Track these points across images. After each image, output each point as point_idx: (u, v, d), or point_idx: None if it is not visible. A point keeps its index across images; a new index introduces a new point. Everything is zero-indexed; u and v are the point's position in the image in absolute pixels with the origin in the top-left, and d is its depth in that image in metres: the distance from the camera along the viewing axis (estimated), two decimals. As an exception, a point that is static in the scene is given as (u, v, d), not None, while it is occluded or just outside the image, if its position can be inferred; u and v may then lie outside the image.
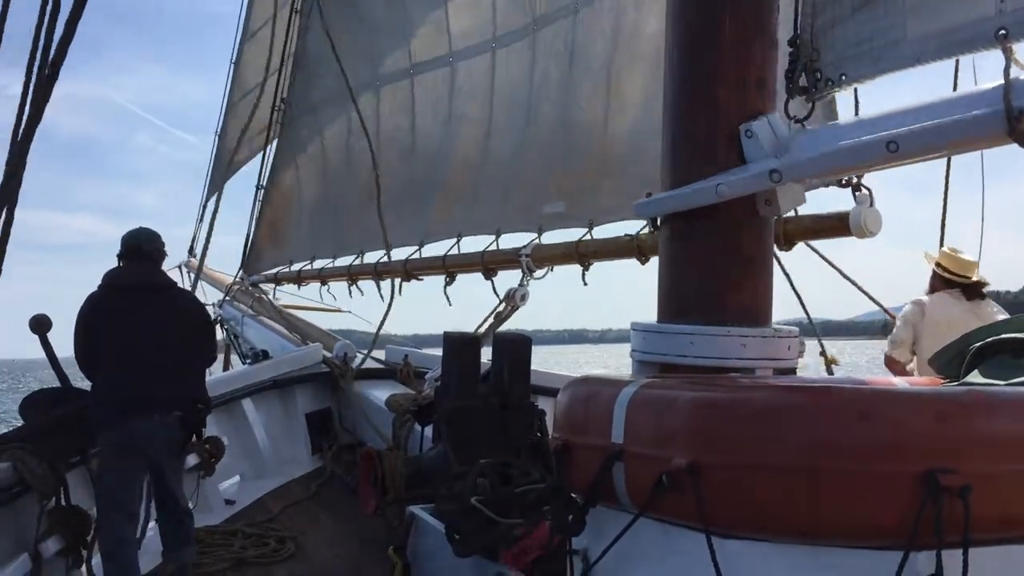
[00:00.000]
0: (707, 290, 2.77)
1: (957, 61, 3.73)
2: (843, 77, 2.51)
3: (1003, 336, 2.58)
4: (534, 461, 3.77)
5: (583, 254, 5.64)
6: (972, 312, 4.71)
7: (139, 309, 4.22)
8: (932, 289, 5.01)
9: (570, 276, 6.17)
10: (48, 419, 4.35)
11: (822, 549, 1.79)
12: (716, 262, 2.76)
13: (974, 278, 4.88)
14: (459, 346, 4.67)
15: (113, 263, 4.38)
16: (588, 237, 5.63)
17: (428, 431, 5.00)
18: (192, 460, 5.55)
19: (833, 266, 4.75)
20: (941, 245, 5.31)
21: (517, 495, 3.23)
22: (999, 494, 1.70)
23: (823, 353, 4.22)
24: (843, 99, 3.32)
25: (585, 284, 5.98)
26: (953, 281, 4.87)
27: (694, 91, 2.78)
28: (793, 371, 2.89)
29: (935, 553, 1.62)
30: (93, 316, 4.24)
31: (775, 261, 4.50)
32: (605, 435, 2.11)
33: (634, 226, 5.24)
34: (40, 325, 4.47)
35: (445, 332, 4.82)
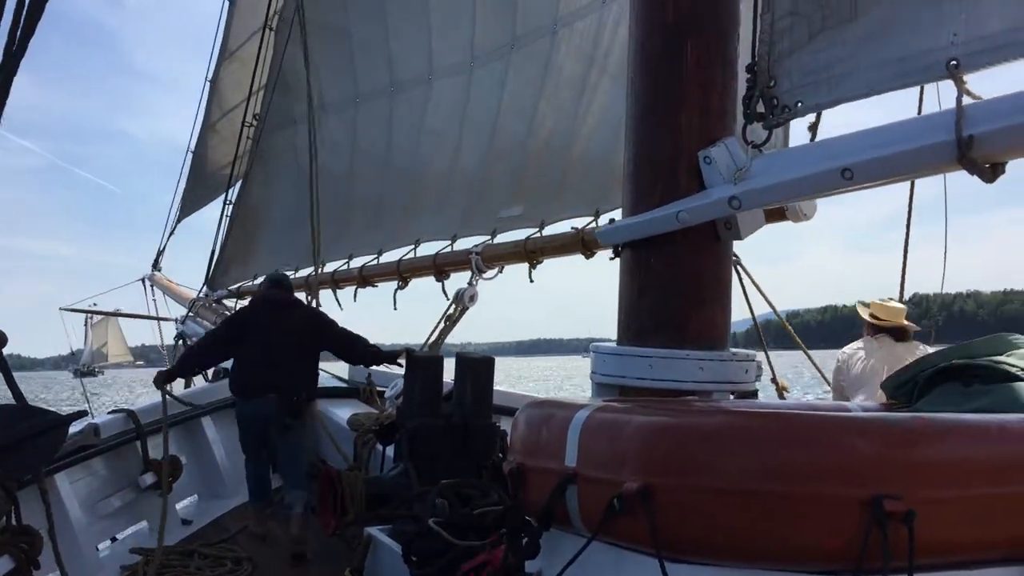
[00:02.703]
0: (666, 313, 2.79)
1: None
2: (799, 105, 2.55)
3: (954, 362, 2.62)
4: (495, 481, 3.76)
5: (531, 251, 5.77)
6: (902, 352, 5.07)
7: (266, 318, 5.74)
8: (868, 334, 5.49)
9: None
10: (1, 437, 4.26)
11: (772, 573, 1.79)
12: (675, 285, 2.78)
13: (904, 323, 5.34)
14: (422, 365, 4.65)
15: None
16: (538, 235, 5.74)
17: (390, 451, 4.96)
18: (150, 479, 5.47)
19: (746, 271, 4.82)
20: (904, 260, 5.64)
21: (475, 516, 3.22)
22: (943, 520, 1.71)
23: (774, 380, 4.26)
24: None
25: (531, 281, 6.08)
26: (882, 327, 5.36)
27: (655, 116, 2.81)
28: (753, 394, 2.90)
29: None
30: (233, 318, 6.45)
31: (744, 275, 4.54)
32: (559, 458, 2.10)
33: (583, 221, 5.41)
34: None
35: (407, 351, 4.80)
